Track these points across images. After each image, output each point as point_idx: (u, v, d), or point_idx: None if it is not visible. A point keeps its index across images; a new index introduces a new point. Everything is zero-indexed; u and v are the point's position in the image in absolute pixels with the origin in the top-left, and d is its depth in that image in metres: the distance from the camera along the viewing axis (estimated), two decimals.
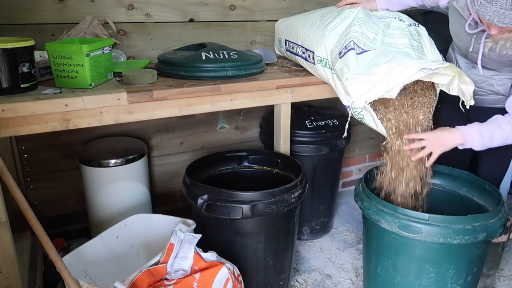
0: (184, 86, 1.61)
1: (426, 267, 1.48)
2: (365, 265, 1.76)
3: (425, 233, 1.38)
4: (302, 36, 1.85)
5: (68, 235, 2.14)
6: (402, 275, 1.53)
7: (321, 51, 1.72)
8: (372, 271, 1.68)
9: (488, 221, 1.41)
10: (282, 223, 1.69)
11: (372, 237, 1.63)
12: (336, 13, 1.78)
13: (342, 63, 1.55)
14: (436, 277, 1.48)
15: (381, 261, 1.59)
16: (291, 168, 1.87)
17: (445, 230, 1.37)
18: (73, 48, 1.46)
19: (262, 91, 1.76)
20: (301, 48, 1.87)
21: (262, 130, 2.42)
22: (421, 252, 1.46)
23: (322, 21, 1.79)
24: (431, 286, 1.50)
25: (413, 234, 1.40)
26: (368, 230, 1.66)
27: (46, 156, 2.06)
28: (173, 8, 2.14)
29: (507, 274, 2.11)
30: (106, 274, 1.54)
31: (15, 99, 1.34)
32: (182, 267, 1.31)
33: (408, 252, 1.49)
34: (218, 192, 1.56)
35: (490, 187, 1.63)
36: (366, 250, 1.73)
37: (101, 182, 1.95)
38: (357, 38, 1.59)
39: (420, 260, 1.48)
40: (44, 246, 1.22)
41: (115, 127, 2.14)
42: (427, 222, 1.39)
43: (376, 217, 1.49)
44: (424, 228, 1.38)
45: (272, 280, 1.75)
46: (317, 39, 1.74)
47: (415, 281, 1.51)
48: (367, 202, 1.55)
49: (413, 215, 1.42)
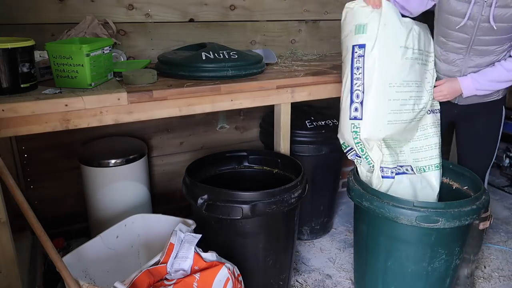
0: (184, 86, 1.61)
1: (439, 251, 1.58)
2: (368, 264, 1.76)
3: (442, 221, 1.47)
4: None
5: (68, 235, 2.13)
6: (416, 262, 1.61)
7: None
8: (380, 267, 1.69)
9: (478, 201, 1.58)
10: (282, 223, 1.69)
11: (380, 233, 1.65)
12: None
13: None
14: (446, 257, 1.60)
15: (392, 255, 1.63)
16: (291, 168, 1.87)
17: (459, 213, 1.49)
18: (73, 48, 1.46)
19: (262, 91, 1.76)
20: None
21: (262, 130, 2.42)
22: (436, 238, 1.55)
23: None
24: (442, 267, 1.62)
25: (432, 224, 1.48)
26: (374, 229, 1.67)
27: (46, 156, 2.06)
28: (173, 8, 2.14)
29: (507, 274, 2.10)
30: (106, 274, 1.54)
31: (15, 99, 1.34)
32: (182, 267, 1.31)
33: (424, 240, 1.56)
34: (218, 192, 1.56)
35: (469, 174, 1.77)
36: (370, 249, 1.72)
37: (101, 182, 1.95)
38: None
39: (434, 245, 1.57)
40: (44, 246, 1.22)
41: (115, 127, 2.14)
42: (444, 211, 1.48)
43: (393, 215, 1.53)
44: (442, 217, 1.47)
45: (272, 280, 1.75)
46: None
47: (428, 266, 1.60)
48: (378, 202, 1.57)
49: (430, 206, 1.50)
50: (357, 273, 1.91)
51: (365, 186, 1.66)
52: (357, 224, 1.80)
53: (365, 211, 1.65)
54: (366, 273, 1.78)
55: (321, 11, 2.56)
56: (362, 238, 1.76)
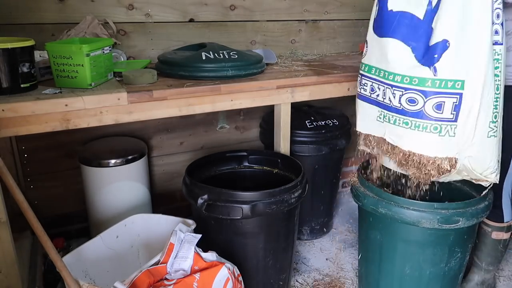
0: (184, 86, 1.61)
1: (455, 250, 1.60)
2: (383, 271, 1.71)
3: (462, 220, 1.49)
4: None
5: (68, 235, 2.13)
6: (434, 264, 1.61)
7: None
8: (396, 273, 1.67)
9: (488, 197, 1.59)
10: (282, 223, 1.69)
11: (397, 239, 1.62)
12: None
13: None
14: (461, 255, 1.62)
15: (410, 259, 1.63)
16: (291, 168, 1.87)
17: (476, 211, 1.52)
18: (73, 48, 1.46)
19: (262, 91, 1.76)
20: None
21: (262, 130, 2.42)
22: (454, 238, 1.57)
23: None
24: (457, 265, 1.64)
25: (453, 225, 1.49)
26: (391, 235, 1.63)
27: (46, 156, 2.06)
28: (173, 8, 2.14)
29: (507, 274, 2.11)
30: (106, 274, 1.54)
31: (15, 99, 1.34)
32: (182, 267, 1.31)
33: (443, 241, 1.57)
34: (218, 192, 1.56)
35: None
36: (386, 256, 1.68)
37: (101, 182, 1.95)
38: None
39: (452, 245, 1.58)
40: (44, 246, 1.21)
41: (115, 127, 2.14)
42: (464, 210, 1.50)
43: (414, 219, 1.51)
44: (462, 216, 1.49)
45: (272, 280, 1.75)
46: None
47: (445, 266, 1.62)
48: (397, 207, 1.53)
49: (451, 207, 1.50)
50: (366, 280, 1.85)
51: (379, 192, 1.60)
52: (368, 231, 1.73)
53: (380, 218, 1.61)
54: (380, 280, 1.75)
55: (321, 11, 2.56)
56: (374, 245, 1.71)
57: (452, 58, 1.31)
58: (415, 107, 1.37)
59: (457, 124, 1.35)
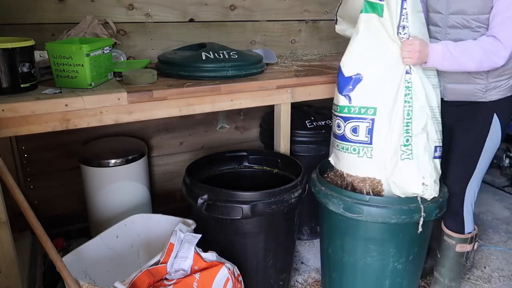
0: (184, 86, 1.61)
1: (369, 246, 1.58)
2: (320, 248, 1.83)
3: (365, 213, 1.50)
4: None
5: (68, 235, 2.14)
6: (349, 254, 1.63)
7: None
8: (325, 252, 1.76)
9: (424, 203, 1.51)
10: (282, 223, 1.69)
11: (323, 220, 1.72)
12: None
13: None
14: (379, 255, 1.59)
15: (332, 242, 1.68)
16: (291, 168, 1.87)
17: (384, 210, 1.49)
18: (73, 48, 1.46)
19: (262, 91, 1.76)
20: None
21: (262, 130, 2.42)
22: (364, 232, 1.57)
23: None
24: (375, 264, 1.61)
25: (355, 215, 1.51)
26: (320, 214, 1.74)
27: (46, 156, 2.06)
28: (173, 8, 2.14)
29: (507, 274, 2.10)
30: (106, 274, 1.54)
31: (15, 99, 1.34)
32: (182, 267, 1.31)
33: (352, 232, 1.59)
34: (218, 192, 1.56)
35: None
36: (320, 234, 1.81)
37: (101, 182, 1.95)
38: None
39: (364, 240, 1.58)
40: (44, 246, 1.21)
41: (115, 127, 2.14)
42: (367, 203, 1.50)
43: (325, 200, 1.59)
44: (365, 209, 1.50)
45: (272, 280, 1.75)
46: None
47: (360, 260, 1.62)
48: (318, 187, 1.65)
49: (355, 196, 1.53)
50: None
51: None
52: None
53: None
54: (321, 256, 1.84)
55: (321, 11, 2.56)
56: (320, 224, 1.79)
57: (364, 88, 1.53)
58: (340, 131, 1.61)
59: (372, 146, 1.54)
